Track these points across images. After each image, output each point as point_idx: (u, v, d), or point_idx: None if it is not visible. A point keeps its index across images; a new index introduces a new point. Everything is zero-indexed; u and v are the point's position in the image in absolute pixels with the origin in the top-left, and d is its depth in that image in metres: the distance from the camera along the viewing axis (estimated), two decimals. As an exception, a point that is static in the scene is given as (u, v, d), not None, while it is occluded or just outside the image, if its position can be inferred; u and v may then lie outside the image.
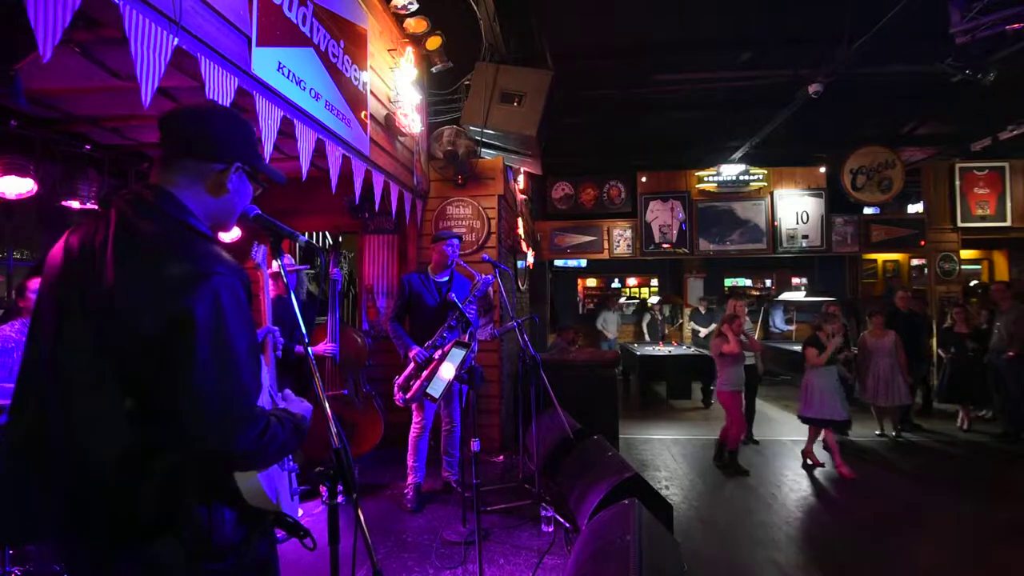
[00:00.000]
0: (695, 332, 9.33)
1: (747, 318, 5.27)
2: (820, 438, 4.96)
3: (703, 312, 9.24)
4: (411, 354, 3.67)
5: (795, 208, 9.06)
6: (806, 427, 5.01)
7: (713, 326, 8.56)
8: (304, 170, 2.86)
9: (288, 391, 1.41)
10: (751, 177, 9.12)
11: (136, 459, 1.01)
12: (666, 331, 9.81)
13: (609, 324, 9.82)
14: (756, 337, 7.40)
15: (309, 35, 2.89)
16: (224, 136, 1.18)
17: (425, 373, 3.55)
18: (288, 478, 1.37)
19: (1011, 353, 5.65)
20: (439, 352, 3.55)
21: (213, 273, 1.03)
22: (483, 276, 3.79)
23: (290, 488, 1.37)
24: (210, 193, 1.17)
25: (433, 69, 4.87)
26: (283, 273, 1.37)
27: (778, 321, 10.45)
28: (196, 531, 1.04)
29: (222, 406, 1.02)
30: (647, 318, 9.82)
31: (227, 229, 1.29)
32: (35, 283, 2.99)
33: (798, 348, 8.05)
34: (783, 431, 6.30)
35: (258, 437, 1.04)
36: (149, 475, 1.01)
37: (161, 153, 1.18)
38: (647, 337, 9.65)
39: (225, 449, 1.02)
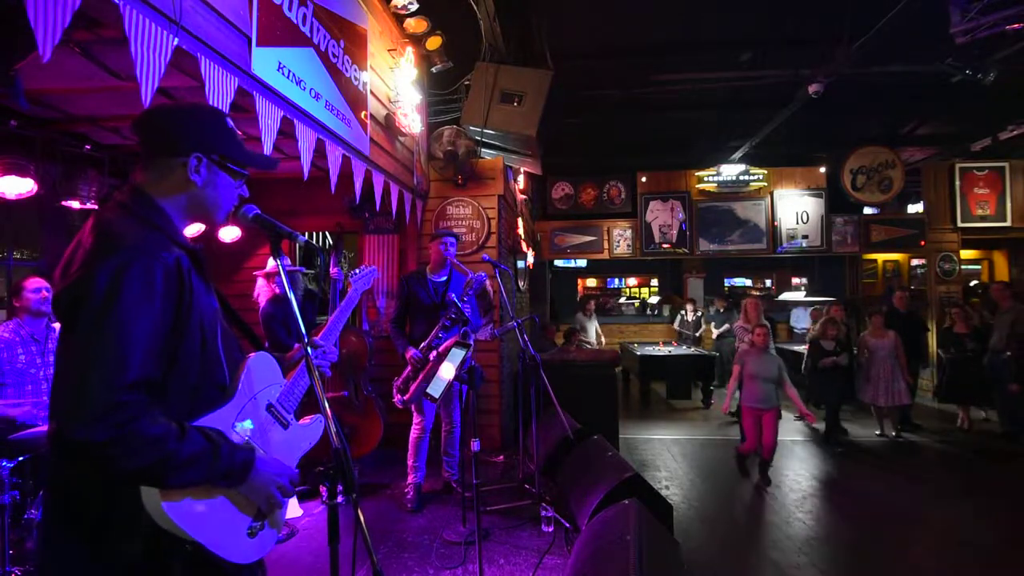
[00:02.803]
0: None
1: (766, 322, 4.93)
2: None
3: (722, 311, 8.97)
4: (407, 356, 3.67)
5: (795, 208, 9.05)
6: (807, 428, 4.96)
7: (726, 326, 8.37)
8: (305, 170, 2.85)
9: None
10: (751, 177, 9.11)
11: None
12: (698, 332, 9.35)
13: (586, 328, 9.68)
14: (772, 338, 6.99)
15: (309, 35, 2.89)
16: (181, 129, 1.20)
17: (422, 374, 3.55)
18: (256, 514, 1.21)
19: (1009, 353, 5.66)
20: (434, 353, 3.55)
21: (126, 249, 1.04)
22: (476, 273, 3.73)
23: (252, 523, 1.20)
24: (179, 187, 1.20)
25: (433, 69, 4.87)
26: (282, 273, 1.35)
27: (801, 322, 9.92)
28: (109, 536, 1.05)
29: (84, 376, 0.96)
30: (678, 319, 9.69)
31: (213, 223, 1.29)
32: (32, 283, 2.99)
33: (800, 348, 8.06)
34: (782, 432, 6.29)
35: (118, 426, 0.95)
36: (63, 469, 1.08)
37: (141, 154, 1.22)
38: (680, 337, 9.42)
39: (71, 424, 0.94)
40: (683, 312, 9.51)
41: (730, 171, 9.15)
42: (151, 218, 1.15)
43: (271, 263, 4.01)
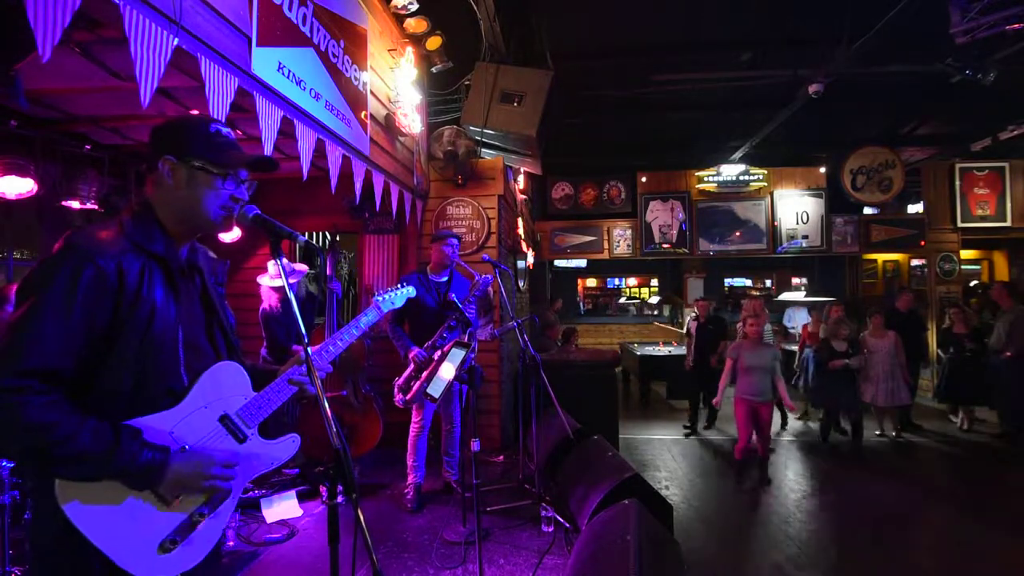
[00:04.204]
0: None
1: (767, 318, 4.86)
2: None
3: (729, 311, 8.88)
4: (411, 355, 3.65)
5: (795, 208, 9.05)
6: (806, 428, 4.93)
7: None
8: (304, 170, 2.85)
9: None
10: (751, 177, 9.11)
11: None
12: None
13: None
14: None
15: (309, 35, 2.89)
16: (158, 138, 1.28)
17: (425, 374, 3.54)
18: (168, 523, 1.17)
19: (1008, 353, 5.66)
20: (439, 353, 3.55)
21: (66, 249, 1.11)
22: (482, 276, 3.75)
23: (166, 537, 1.16)
24: (165, 194, 1.26)
25: (433, 69, 4.87)
26: (283, 274, 1.34)
27: (794, 320, 9.78)
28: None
29: None
30: (687, 325, 9.64)
31: (202, 226, 1.29)
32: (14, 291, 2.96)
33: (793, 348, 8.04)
34: (783, 432, 6.30)
35: (1, 408, 1.00)
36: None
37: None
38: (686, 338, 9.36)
39: None
40: (687, 317, 9.50)
41: (730, 171, 9.14)
42: (134, 225, 1.21)
43: (271, 266, 4.01)
